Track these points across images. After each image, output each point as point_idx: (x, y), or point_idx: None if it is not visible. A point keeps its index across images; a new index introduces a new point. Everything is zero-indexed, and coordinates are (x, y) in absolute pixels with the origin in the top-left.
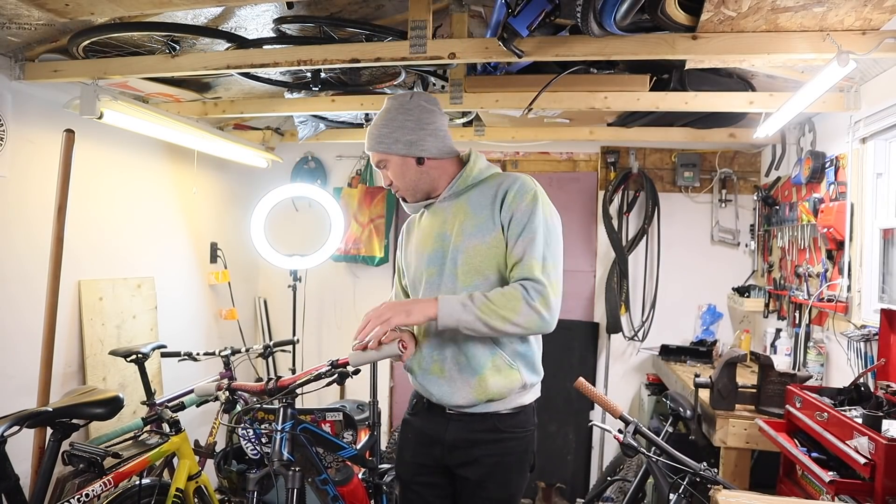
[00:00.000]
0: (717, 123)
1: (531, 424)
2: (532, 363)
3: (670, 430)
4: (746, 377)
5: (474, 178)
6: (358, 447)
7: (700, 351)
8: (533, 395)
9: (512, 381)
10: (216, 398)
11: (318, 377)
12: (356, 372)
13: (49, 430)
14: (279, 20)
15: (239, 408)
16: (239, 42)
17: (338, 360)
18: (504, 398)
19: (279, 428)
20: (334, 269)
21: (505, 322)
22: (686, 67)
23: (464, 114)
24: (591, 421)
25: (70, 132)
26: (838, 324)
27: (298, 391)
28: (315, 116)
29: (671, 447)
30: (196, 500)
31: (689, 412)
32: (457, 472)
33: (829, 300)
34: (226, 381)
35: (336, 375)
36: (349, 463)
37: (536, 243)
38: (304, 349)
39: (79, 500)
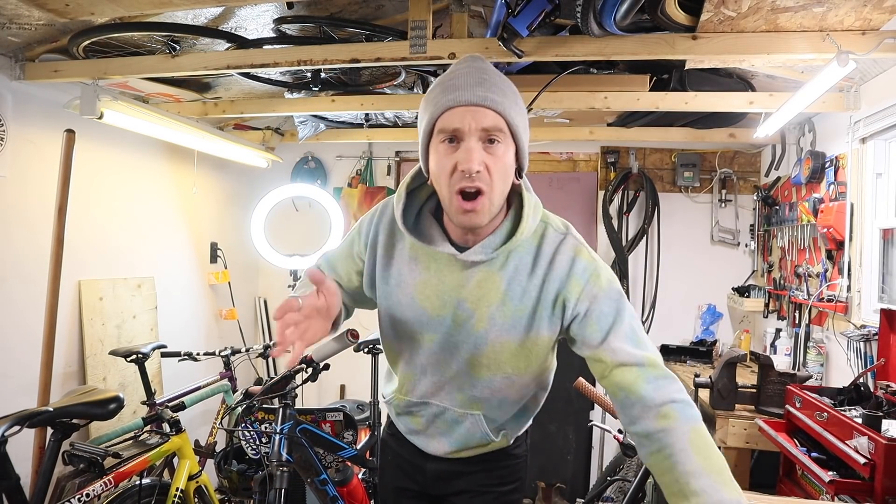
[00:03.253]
0: (717, 123)
1: (524, 450)
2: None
3: None
4: (746, 377)
5: (524, 239)
6: (358, 447)
7: (700, 351)
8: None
9: (495, 447)
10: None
11: (286, 378)
12: (326, 367)
13: (49, 430)
14: (279, 20)
15: (240, 409)
16: (239, 42)
17: (308, 356)
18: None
19: (278, 429)
20: None
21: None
22: (686, 67)
23: None
24: (591, 421)
25: (70, 132)
26: (838, 324)
27: (297, 391)
28: (315, 116)
29: None
30: (196, 500)
31: None
32: (445, 499)
33: (828, 300)
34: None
35: (311, 372)
36: (349, 463)
37: (637, 328)
38: None
39: (79, 499)
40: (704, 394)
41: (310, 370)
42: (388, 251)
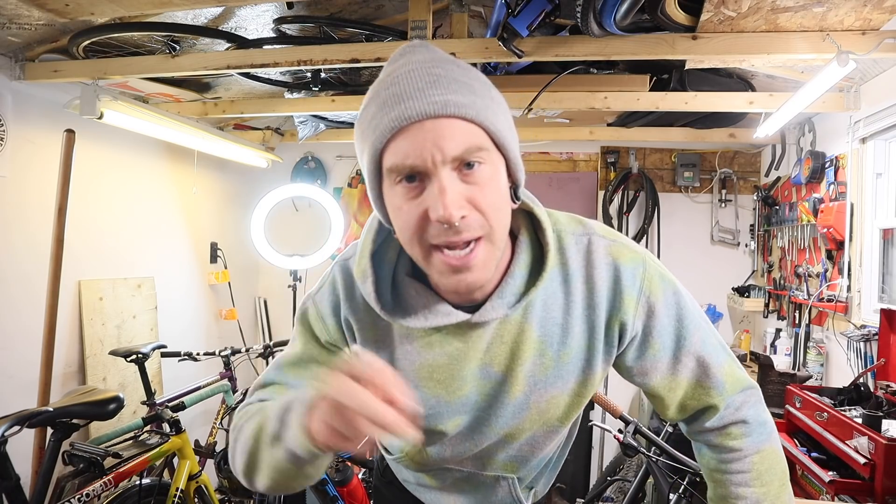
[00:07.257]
0: (717, 123)
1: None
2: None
3: (670, 429)
4: None
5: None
6: (358, 447)
7: None
8: None
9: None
10: None
11: None
12: None
13: (49, 430)
14: (279, 20)
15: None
16: (239, 42)
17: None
18: None
19: None
20: None
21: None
22: (686, 67)
23: None
24: (591, 421)
25: (70, 132)
26: (838, 324)
27: None
28: (315, 116)
29: (671, 447)
30: (196, 500)
31: None
32: None
33: (828, 300)
34: None
35: None
36: (349, 463)
37: (707, 334)
38: None
39: (79, 499)
40: None
41: None
42: (369, 335)
